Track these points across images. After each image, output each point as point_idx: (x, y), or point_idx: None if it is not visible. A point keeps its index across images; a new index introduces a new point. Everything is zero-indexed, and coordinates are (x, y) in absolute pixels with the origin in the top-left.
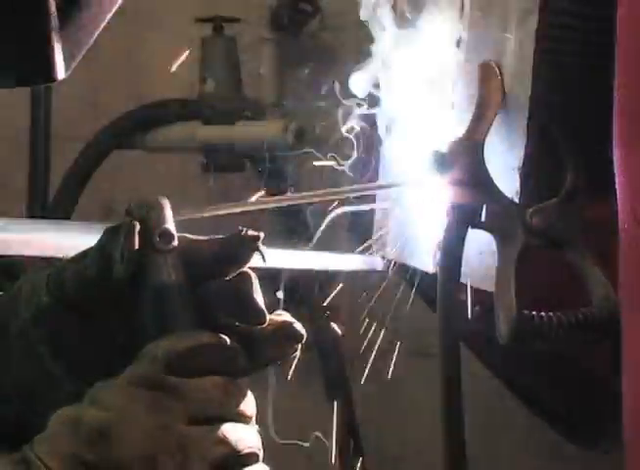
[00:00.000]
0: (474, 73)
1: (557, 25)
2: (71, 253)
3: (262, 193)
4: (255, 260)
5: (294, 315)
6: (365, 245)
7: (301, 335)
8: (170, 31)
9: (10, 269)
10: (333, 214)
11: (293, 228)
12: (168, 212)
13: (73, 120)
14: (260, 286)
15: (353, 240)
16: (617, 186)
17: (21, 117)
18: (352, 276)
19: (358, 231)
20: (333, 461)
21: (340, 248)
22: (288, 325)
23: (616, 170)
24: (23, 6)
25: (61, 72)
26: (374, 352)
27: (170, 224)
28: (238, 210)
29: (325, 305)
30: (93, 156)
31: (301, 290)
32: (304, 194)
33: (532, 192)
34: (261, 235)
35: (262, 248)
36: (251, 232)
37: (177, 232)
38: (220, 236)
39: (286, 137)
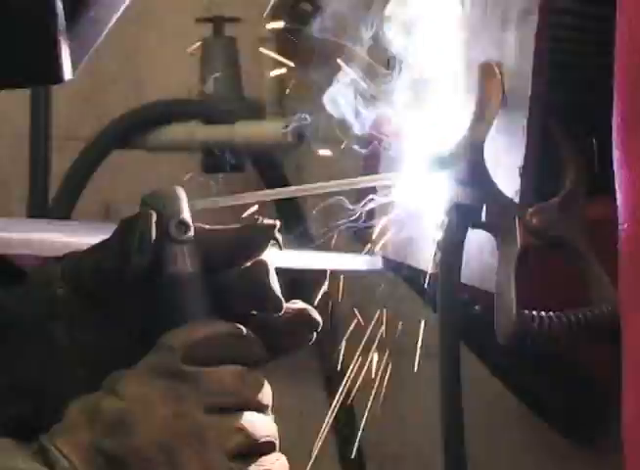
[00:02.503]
0: (474, 73)
1: (557, 25)
2: None
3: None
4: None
5: None
6: (365, 244)
7: (318, 323)
8: (170, 31)
9: (7, 269)
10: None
11: (289, 226)
12: (184, 202)
13: (73, 120)
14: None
15: (353, 239)
16: (616, 186)
17: (21, 117)
18: (352, 275)
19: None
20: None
21: (340, 247)
22: (304, 313)
23: (615, 170)
24: (30, 6)
25: (68, 73)
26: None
27: (187, 214)
28: (253, 199)
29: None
30: (93, 156)
31: (301, 289)
32: (307, 186)
33: (532, 192)
34: (277, 223)
35: (278, 236)
36: (267, 221)
37: (193, 222)
38: (236, 225)
39: (286, 137)
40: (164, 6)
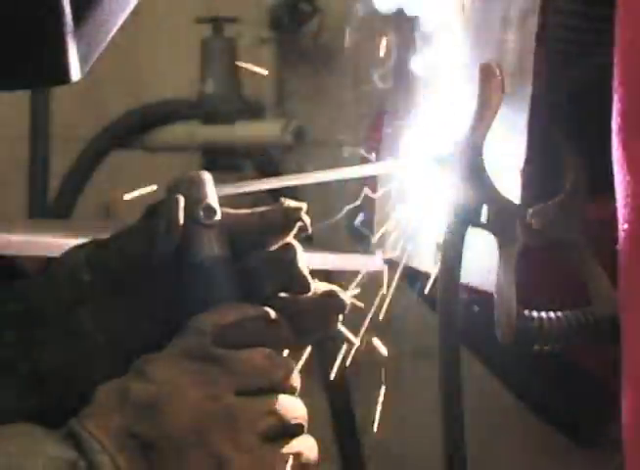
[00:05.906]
0: (474, 74)
1: (557, 25)
2: None
3: None
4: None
5: None
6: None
7: (344, 305)
8: (170, 31)
9: (8, 269)
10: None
11: None
12: (211, 187)
13: (73, 120)
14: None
15: (353, 239)
16: (616, 186)
17: (21, 117)
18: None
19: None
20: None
21: (340, 247)
22: (331, 295)
23: (615, 171)
24: (38, 8)
25: (75, 75)
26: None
27: (213, 199)
28: (278, 185)
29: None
30: (93, 156)
31: None
32: (307, 175)
33: (532, 192)
34: (304, 206)
35: (305, 218)
36: (293, 203)
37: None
38: (262, 208)
39: (285, 137)
40: (164, 6)
